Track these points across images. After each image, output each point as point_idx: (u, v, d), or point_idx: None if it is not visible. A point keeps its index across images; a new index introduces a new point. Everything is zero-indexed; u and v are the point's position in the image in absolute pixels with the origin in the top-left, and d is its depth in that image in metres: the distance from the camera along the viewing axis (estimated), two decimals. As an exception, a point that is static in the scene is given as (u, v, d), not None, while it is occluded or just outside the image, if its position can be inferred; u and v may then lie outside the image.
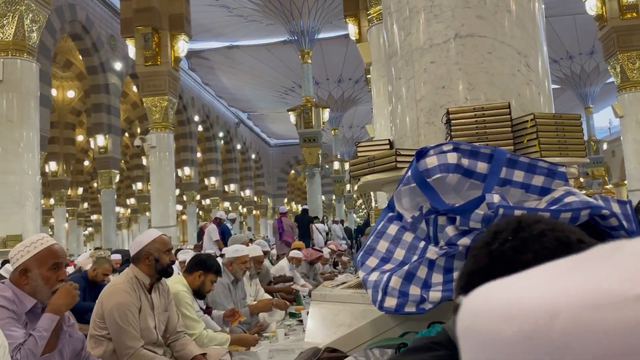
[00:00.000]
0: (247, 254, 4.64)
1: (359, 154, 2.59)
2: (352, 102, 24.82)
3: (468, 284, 0.69)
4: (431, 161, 1.77)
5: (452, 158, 1.76)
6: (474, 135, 2.18)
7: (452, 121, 2.22)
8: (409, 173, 1.82)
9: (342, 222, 17.89)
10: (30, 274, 2.10)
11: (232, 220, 12.24)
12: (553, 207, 1.72)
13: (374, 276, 1.79)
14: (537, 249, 0.66)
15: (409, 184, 1.81)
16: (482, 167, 1.79)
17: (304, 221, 11.77)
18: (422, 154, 1.81)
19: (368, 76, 11.38)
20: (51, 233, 19.58)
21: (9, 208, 7.46)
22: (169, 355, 2.95)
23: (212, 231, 10.07)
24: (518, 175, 1.81)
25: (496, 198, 1.68)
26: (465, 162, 1.78)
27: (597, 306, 0.19)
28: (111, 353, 2.70)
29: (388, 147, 2.60)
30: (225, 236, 10.04)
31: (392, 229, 1.87)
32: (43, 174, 15.68)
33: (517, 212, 1.68)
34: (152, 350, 2.79)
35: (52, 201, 19.38)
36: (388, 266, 1.80)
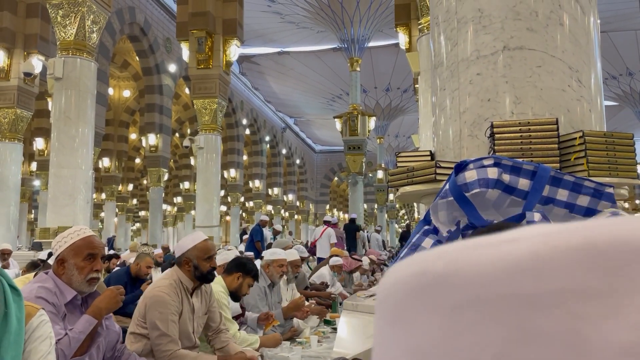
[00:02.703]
0: (285, 258, 4.65)
1: (398, 164, 2.56)
2: (399, 111, 24.65)
3: None
4: (470, 175, 1.73)
5: (492, 173, 1.71)
6: (518, 150, 2.12)
7: (496, 135, 2.16)
8: (447, 186, 1.78)
9: (377, 231, 17.77)
10: (66, 264, 2.13)
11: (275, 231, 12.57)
12: (598, 230, 1.64)
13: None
14: None
15: (447, 197, 1.77)
16: (524, 183, 1.73)
17: (351, 230, 11.79)
18: (461, 167, 1.77)
19: (416, 86, 11.27)
20: (101, 227, 20.36)
21: (61, 200, 7.79)
22: (209, 351, 2.99)
23: (331, 234, 10.31)
24: (562, 194, 1.73)
25: (537, 217, 1.62)
26: (506, 178, 1.72)
27: (477, 246, 0.22)
28: (149, 350, 2.74)
29: (429, 158, 2.56)
30: (254, 238, 10.17)
31: (427, 242, 1.83)
32: (96, 170, 16.33)
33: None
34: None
35: (103, 196, 20.13)
36: (420, 280, 1.76)
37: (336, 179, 37.69)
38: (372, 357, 0.26)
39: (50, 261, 4.01)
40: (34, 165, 18.05)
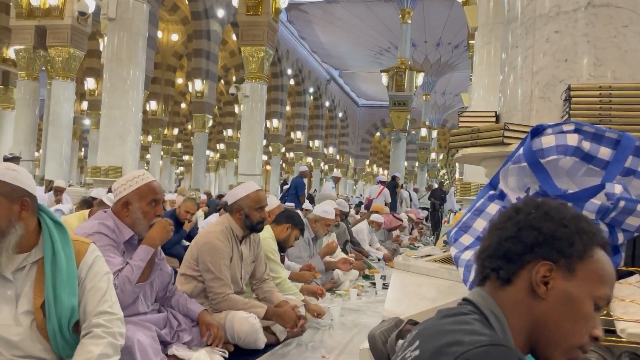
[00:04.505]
0: (333, 219, 4.68)
1: (460, 125, 2.45)
2: (448, 67, 23.83)
3: (498, 250, 0.87)
4: (548, 141, 1.63)
5: (572, 140, 1.60)
6: (596, 116, 1.98)
7: (573, 99, 2.02)
8: (521, 151, 1.69)
9: (416, 190, 17.56)
10: (131, 207, 2.21)
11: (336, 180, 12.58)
12: (683, 207, 1.53)
13: (467, 255, 1.70)
14: (557, 218, 0.85)
15: (519, 162, 1.68)
16: (604, 152, 1.62)
17: (391, 186, 11.77)
18: (537, 131, 1.67)
19: (470, 42, 10.79)
20: (146, 168, 20.94)
21: (112, 141, 7.99)
22: (252, 298, 3.06)
23: (386, 195, 10.51)
24: (646, 166, 1.62)
25: (618, 189, 1.52)
26: (586, 145, 1.61)
27: None
28: (199, 291, 2.83)
29: (494, 119, 2.44)
30: (298, 191, 10.21)
31: (492, 208, 1.76)
32: (143, 112, 16.63)
33: (640, 207, 1.51)
34: None
35: (149, 138, 20.59)
36: (483, 246, 1.71)
37: (378, 134, 37.29)
38: None
39: (106, 200, 4.13)
40: (84, 105, 18.53)
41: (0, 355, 1.53)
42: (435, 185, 16.14)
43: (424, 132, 23.79)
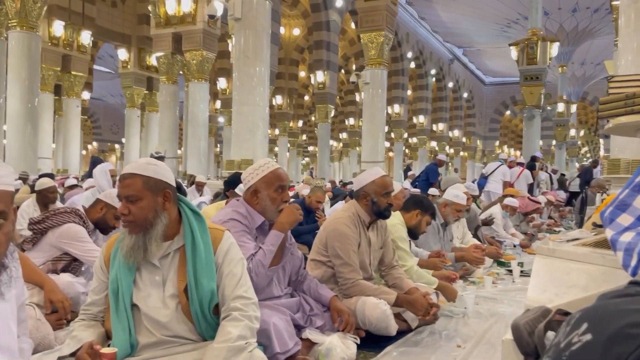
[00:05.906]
0: (464, 204, 4.47)
1: (610, 91, 2.16)
2: (587, 34, 21.60)
3: None
4: None
5: None
6: None
7: None
8: (694, 114, 1.43)
9: (554, 171, 16.18)
10: (259, 195, 2.29)
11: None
12: None
13: (626, 237, 1.48)
14: None
15: (692, 127, 1.42)
16: None
17: (529, 168, 11.06)
18: None
19: (614, 3, 9.66)
20: (275, 161, 21.95)
21: (242, 135, 8.44)
22: (381, 284, 3.03)
23: (527, 176, 10.25)
24: None
25: None
26: None
27: None
28: (328, 277, 2.86)
29: (653, 82, 2.11)
30: (430, 177, 9.92)
31: (658, 181, 1.52)
32: (270, 107, 17.39)
33: None
34: None
35: (276, 132, 21.50)
36: (647, 227, 1.47)
37: (508, 113, 35.13)
38: None
39: (238, 190, 4.37)
40: (218, 104, 19.87)
41: (152, 335, 1.66)
42: (586, 163, 14.79)
43: (561, 107, 21.90)
